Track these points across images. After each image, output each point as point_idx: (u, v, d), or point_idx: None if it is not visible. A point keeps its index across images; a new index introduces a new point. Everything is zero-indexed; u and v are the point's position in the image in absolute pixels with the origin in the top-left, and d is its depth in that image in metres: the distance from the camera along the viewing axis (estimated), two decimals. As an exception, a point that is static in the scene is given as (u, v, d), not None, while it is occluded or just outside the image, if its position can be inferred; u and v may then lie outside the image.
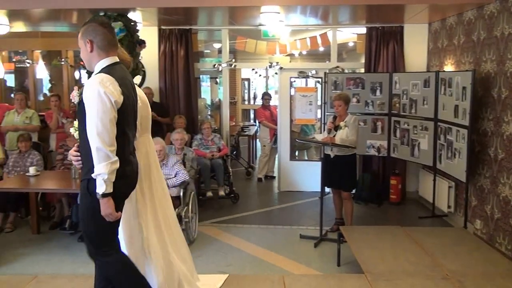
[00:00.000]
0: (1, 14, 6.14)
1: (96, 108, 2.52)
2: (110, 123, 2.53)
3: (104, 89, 2.54)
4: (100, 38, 2.71)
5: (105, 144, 2.51)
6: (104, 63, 2.72)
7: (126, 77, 2.80)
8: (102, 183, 2.53)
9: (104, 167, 2.51)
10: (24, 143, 5.86)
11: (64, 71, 9.64)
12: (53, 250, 5.05)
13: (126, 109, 2.67)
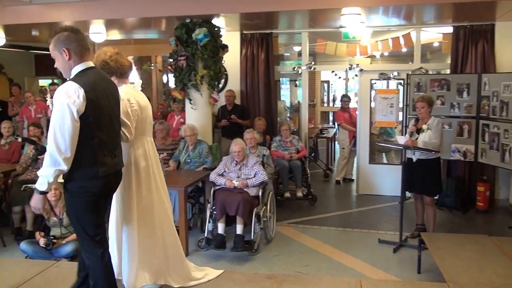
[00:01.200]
0: (99, 24, 6.69)
1: (56, 117, 2.65)
2: (67, 133, 2.62)
3: (67, 99, 2.63)
4: (75, 45, 2.78)
5: (58, 152, 2.63)
6: (78, 69, 2.80)
7: (100, 82, 2.86)
8: (45, 183, 2.70)
9: (51, 171, 2.66)
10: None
11: (153, 75, 10.26)
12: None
13: (95, 113, 2.74)
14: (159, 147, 6.21)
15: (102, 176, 2.82)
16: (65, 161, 2.65)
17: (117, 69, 3.27)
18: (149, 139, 3.43)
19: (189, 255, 4.94)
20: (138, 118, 3.24)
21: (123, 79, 3.35)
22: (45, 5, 5.96)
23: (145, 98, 3.41)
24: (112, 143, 2.94)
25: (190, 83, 6.12)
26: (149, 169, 3.35)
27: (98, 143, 2.80)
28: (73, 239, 4.78)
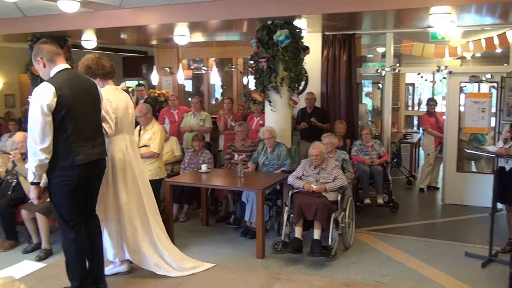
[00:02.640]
0: (184, 26, 6.89)
1: (30, 113, 3.10)
2: (39, 126, 3.06)
3: (39, 99, 3.07)
4: (45, 52, 3.25)
5: (35, 143, 3.08)
6: (54, 71, 3.25)
7: (73, 79, 3.27)
8: (31, 174, 3.17)
9: (33, 162, 3.12)
10: (198, 143, 6.46)
11: (234, 77, 10.41)
12: (218, 242, 5.47)
13: (67, 107, 3.13)
14: (238, 149, 6.29)
15: (79, 164, 3.20)
16: (43, 151, 3.08)
17: (99, 71, 3.73)
18: (128, 137, 3.84)
19: (265, 257, 4.92)
20: (117, 117, 3.68)
21: (106, 80, 3.79)
22: (133, 9, 6.23)
23: (127, 99, 3.83)
24: (89, 134, 3.34)
25: (270, 85, 6.11)
26: (126, 164, 3.78)
27: (73, 134, 3.18)
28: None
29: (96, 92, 3.48)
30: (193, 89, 11.91)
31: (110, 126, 3.62)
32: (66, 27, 6.84)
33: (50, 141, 3.10)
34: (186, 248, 5.19)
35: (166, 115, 7.70)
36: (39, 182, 3.23)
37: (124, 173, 3.77)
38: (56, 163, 3.17)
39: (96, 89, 3.49)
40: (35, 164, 3.13)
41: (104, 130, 3.59)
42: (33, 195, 3.28)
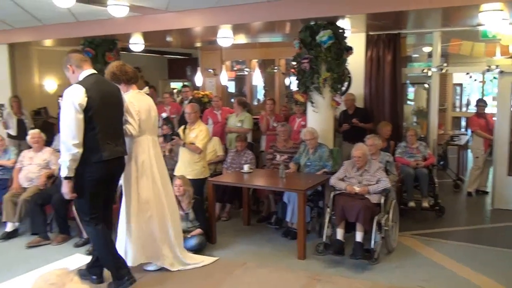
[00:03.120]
0: (227, 28, 6.98)
1: (63, 112, 3.35)
2: (72, 123, 3.32)
3: (71, 98, 3.34)
4: (73, 60, 3.58)
5: (68, 138, 3.33)
6: (81, 76, 3.54)
7: (99, 83, 3.55)
8: (65, 168, 3.37)
9: (66, 156, 3.33)
10: (240, 143, 6.53)
11: (276, 78, 10.44)
12: (259, 242, 5.50)
13: (95, 108, 3.39)
14: (280, 149, 6.31)
15: (105, 160, 3.45)
16: (76, 146, 3.32)
17: (123, 77, 3.94)
18: (151, 137, 4.03)
19: (306, 258, 4.91)
20: (140, 118, 3.88)
21: (130, 85, 3.99)
22: (178, 12, 6.37)
23: (150, 102, 4.06)
24: (114, 134, 3.59)
25: (312, 86, 6.09)
26: (148, 164, 3.95)
27: (100, 133, 3.44)
28: (197, 233, 5.04)
29: (119, 96, 3.74)
30: (236, 90, 12.03)
31: (134, 128, 3.83)
32: (116, 31, 7.08)
33: (81, 137, 3.36)
34: (227, 247, 5.27)
35: (209, 115, 7.82)
36: (71, 176, 3.42)
37: (146, 172, 3.95)
38: (85, 158, 3.40)
39: (119, 93, 3.75)
40: (69, 158, 3.35)
41: (129, 131, 3.82)
42: (66, 190, 3.47)
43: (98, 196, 3.58)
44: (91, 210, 3.56)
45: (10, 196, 5.69)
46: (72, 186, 3.46)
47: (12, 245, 5.45)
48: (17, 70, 8.97)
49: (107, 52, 7.84)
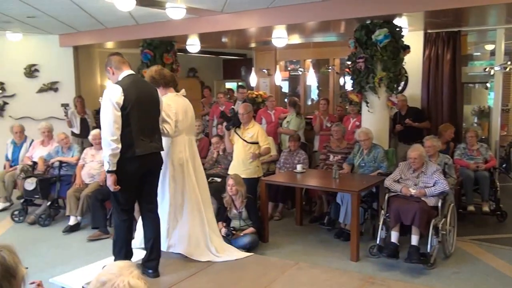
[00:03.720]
0: (282, 29, 7.01)
1: (103, 109, 3.56)
2: (111, 120, 3.49)
3: (110, 97, 3.52)
4: (113, 62, 3.78)
5: (107, 135, 3.50)
6: (120, 77, 3.73)
7: (137, 83, 3.74)
8: (106, 163, 3.56)
9: (107, 151, 3.52)
10: (293, 143, 6.54)
11: (331, 78, 10.35)
12: (311, 242, 5.50)
13: (131, 106, 3.55)
14: (334, 150, 6.27)
15: (138, 155, 3.60)
16: (114, 141, 3.50)
17: (161, 80, 4.14)
18: (188, 137, 4.20)
19: (359, 260, 4.86)
20: (177, 119, 4.05)
21: (168, 88, 4.20)
22: (234, 13, 6.47)
23: (186, 103, 4.24)
24: (149, 130, 3.74)
25: (367, 86, 6.00)
26: (184, 162, 4.11)
27: (135, 129, 3.60)
28: (250, 232, 5.11)
29: (156, 95, 3.90)
30: (290, 90, 12.03)
31: (171, 127, 4.01)
32: (173, 33, 7.30)
33: (119, 133, 3.54)
34: (280, 247, 5.30)
35: (263, 115, 7.89)
36: (114, 170, 3.58)
37: (182, 170, 4.12)
38: (121, 153, 3.57)
39: (156, 92, 3.91)
40: (109, 153, 3.53)
41: (166, 130, 3.98)
42: (109, 183, 3.63)
43: (130, 189, 3.75)
44: (125, 201, 3.76)
45: (73, 192, 6.02)
46: (115, 179, 3.61)
47: (74, 238, 5.76)
48: (81, 71, 9.44)
49: (164, 53, 8.09)
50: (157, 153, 3.88)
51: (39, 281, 2.23)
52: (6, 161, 7.17)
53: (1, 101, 9.07)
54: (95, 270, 3.78)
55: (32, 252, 5.18)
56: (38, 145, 7.00)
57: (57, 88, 9.21)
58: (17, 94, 9.06)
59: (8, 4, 5.84)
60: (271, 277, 4.07)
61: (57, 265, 4.78)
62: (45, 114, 8.82)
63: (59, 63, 9.16)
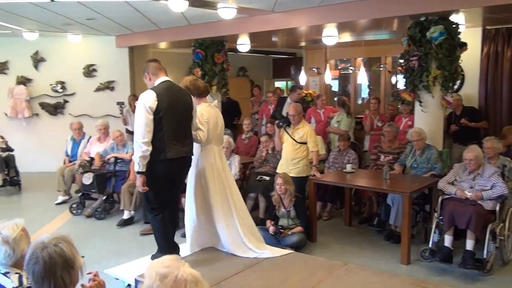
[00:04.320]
0: (332, 27, 6.94)
1: (137, 113, 3.72)
2: (144, 123, 3.64)
3: (144, 101, 3.68)
4: (150, 68, 3.94)
5: (139, 137, 3.65)
6: (157, 82, 3.89)
7: (170, 89, 3.88)
8: (137, 164, 3.69)
9: (138, 153, 3.66)
10: (343, 143, 6.46)
11: (382, 77, 10.14)
12: (360, 243, 5.42)
13: (164, 110, 3.70)
14: (385, 150, 6.14)
15: (170, 159, 3.75)
16: (145, 144, 3.65)
17: (195, 91, 4.22)
18: (216, 147, 4.32)
19: (410, 263, 4.74)
20: (208, 128, 4.17)
21: (201, 98, 4.30)
22: (285, 12, 6.47)
23: (217, 113, 4.35)
24: (181, 135, 3.86)
25: (421, 84, 5.83)
26: (214, 170, 4.23)
27: (167, 133, 3.73)
28: (298, 231, 5.10)
29: (190, 101, 4.01)
30: (339, 89, 11.89)
31: (204, 134, 4.13)
32: (224, 33, 7.40)
33: (150, 137, 3.68)
34: (328, 247, 5.26)
35: (312, 114, 7.85)
36: (143, 171, 3.72)
37: (213, 178, 4.25)
38: (153, 156, 3.71)
39: (190, 98, 4.02)
40: (139, 155, 3.67)
41: (199, 137, 4.10)
42: (139, 183, 3.78)
43: (162, 190, 3.91)
44: (155, 200, 3.93)
45: (127, 187, 6.24)
46: (144, 180, 3.75)
47: (128, 231, 5.97)
48: (135, 70, 9.76)
49: (215, 53, 8.21)
50: (188, 157, 4.02)
51: (95, 272, 2.33)
52: (66, 156, 7.52)
53: (62, 99, 9.55)
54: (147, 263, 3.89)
55: (87, 244, 5.41)
56: (95, 141, 7.30)
57: (113, 87, 9.58)
58: (76, 93, 9.51)
59: (69, 7, 6.13)
60: (319, 277, 4.05)
61: (111, 257, 4.97)
62: (101, 112, 9.20)
63: (115, 63, 9.53)
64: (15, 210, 7.02)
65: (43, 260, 1.95)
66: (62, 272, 1.98)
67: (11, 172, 7.83)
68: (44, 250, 1.96)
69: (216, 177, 4.28)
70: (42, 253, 1.96)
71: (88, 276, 2.26)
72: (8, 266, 2.35)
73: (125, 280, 4.03)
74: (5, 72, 9.43)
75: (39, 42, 8.80)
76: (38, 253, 1.96)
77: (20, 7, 6.08)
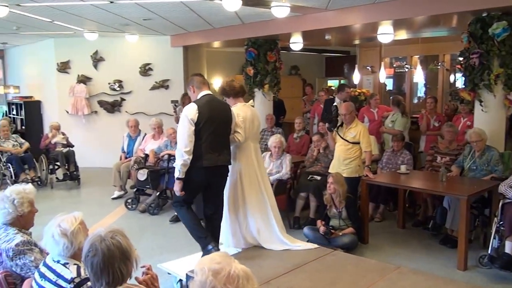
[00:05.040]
0: (387, 25, 6.77)
1: (180, 124, 4.03)
2: (186, 133, 3.94)
3: (187, 113, 4.00)
4: (195, 82, 4.23)
5: (182, 147, 3.96)
6: (200, 95, 4.17)
7: (211, 102, 4.13)
8: (177, 171, 4.00)
9: (179, 161, 3.97)
10: (397, 143, 6.29)
11: (440, 75, 9.79)
12: (414, 247, 5.27)
13: (204, 122, 3.99)
14: (442, 151, 5.93)
15: (205, 167, 4.02)
16: (186, 152, 3.94)
17: (231, 92, 4.47)
18: (253, 144, 4.50)
19: (467, 269, 4.55)
20: (245, 127, 4.35)
21: (237, 98, 4.51)
22: (339, 10, 6.37)
23: (254, 113, 4.55)
24: (218, 145, 4.11)
25: (482, 83, 5.57)
26: (250, 166, 4.44)
27: (206, 143, 4.01)
28: (349, 232, 5.03)
29: (229, 113, 4.26)
30: (394, 87, 11.60)
31: (242, 136, 4.34)
32: (277, 31, 7.40)
33: (191, 146, 3.96)
34: (380, 249, 5.15)
35: (365, 113, 7.70)
36: (182, 177, 4.00)
37: (249, 174, 4.45)
38: (191, 162, 3.99)
39: (229, 111, 4.27)
40: (181, 162, 3.96)
41: (237, 139, 4.32)
42: (177, 188, 4.07)
43: (193, 193, 4.22)
44: (185, 199, 4.20)
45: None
46: (182, 186, 4.04)
47: (180, 227, 5.99)
48: (189, 69, 9.96)
49: (268, 51, 8.24)
50: (224, 166, 4.23)
51: (149, 265, 2.39)
52: (122, 152, 7.80)
53: (119, 97, 9.91)
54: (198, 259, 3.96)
55: (141, 238, 5.58)
56: (149, 138, 7.52)
57: (167, 86, 9.82)
58: (133, 91, 9.83)
59: (127, 8, 6.35)
60: (370, 280, 3.97)
61: (163, 252, 5.11)
62: (156, 110, 9.46)
63: (170, 62, 9.77)
64: (74, 203, 7.34)
65: (102, 252, 2.02)
66: (120, 264, 2.05)
67: (71, 167, 8.21)
68: (102, 243, 2.04)
69: (251, 173, 4.47)
70: (100, 245, 2.03)
71: (142, 269, 2.33)
72: (67, 257, 2.46)
73: (176, 275, 4.13)
74: (67, 71, 9.90)
75: (98, 42, 9.18)
76: (97, 245, 2.04)
77: (82, 9, 6.36)
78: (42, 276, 2.44)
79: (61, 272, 2.40)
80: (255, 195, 4.50)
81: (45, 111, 10.71)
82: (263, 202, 4.55)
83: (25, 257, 2.72)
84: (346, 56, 12.70)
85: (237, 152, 4.44)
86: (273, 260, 4.24)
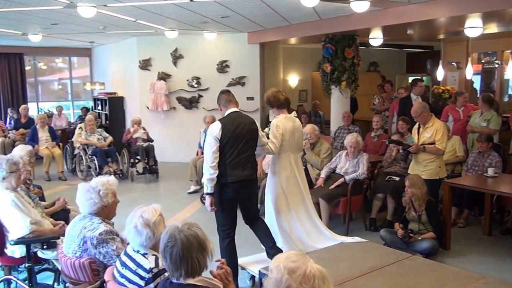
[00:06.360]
0: (476, 17, 6.34)
1: (206, 141, 4.16)
2: (210, 150, 4.05)
3: (211, 131, 4.12)
4: (222, 100, 4.33)
5: (207, 163, 4.06)
6: (226, 113, 4.26)
7: (236, 119, 4.18)
8: (205, 186, 4.09)
9: (206, 176, 4.07)
10: (482, 144, 5.87)
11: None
12: (502, 255, 4.91)
13: (228, 139, 4.06)
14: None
15: (231, 182, 4.10)
16: (212, 168, 4.05)
17: (275, 103, 4.58)
18: (293, 155, 4.61)
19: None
20: (284, 139, 4.48)
21: (281, 109, 4.59)
22: (422, 3, 6.06)
23: (296, 124, 4.60)
24: (242, 160, 4.16)
25: None
26: (290, 176, 4.59)
27: (229, 160, 4.11)
28: (429, 237, 4.79)
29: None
30: (482, 85, 10.88)
31: (275, 147, 4.46)
32: (356, 27, 7.21)
33: (216, 162, 4.06)
34: (463, 256, 4.87)
35: (450, 112, 7.27)
36: (211, 192, 4.08)
37: (290, 183, 4.61)
38: (218, 179, 4.09)
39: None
40: (208, 177, 4.07)
41: (270, 149, 4.45)
42: (207, 203, 4.12)
43: (228, 211, 4.23)
44: (223, 222, 4.25)
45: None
46: (212, 200, 4.11)
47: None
48: (266, 66, 9.99)
49: (346, 47, 8.06)
50: (249, 180, 4.26)
51: (223, 260, 2.41)
52: (199, 148, 7.99)
53: (196, 94, 10.18)
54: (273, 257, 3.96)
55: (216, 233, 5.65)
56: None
57: (244, 83, 9.93)
58: (210, 88, 10.05)
59: (206, 6, 6.48)
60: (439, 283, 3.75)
61: (236, 247, 5.14)
62: (232, 107, 9.59)
63: (246, 59, 9.86)
64: (153, 196, 7.63)
65: (181, 242, 2.08)
66: (198, 254, 2.10)
67: (150, 161, 8.58)
68: (181, 233, 2.10)
69: (293, 183, 4.63)
70: (179, 235, 2.09)
71: (216, 264, 2.35)
72: (147, 248, 2.54)
73: (249, 271, 4.15)
74: (148, 68, 10.33)
75: (178, 40, 9.48)
76: (176, 236, 2.09)
77: (163, 8, 6.59)
78: (123, 265, 2.54)
79: (140, 262, 2.49)
80: (300, 204, 4.69)
81: (127, 107, 11.28)
82: (306, 208, 4.74)
83: (107, 246, 2.86)
84: (429, 51, 12.12)
85: (277, 164, 4.59)
86: (348, 262, 4.12)
